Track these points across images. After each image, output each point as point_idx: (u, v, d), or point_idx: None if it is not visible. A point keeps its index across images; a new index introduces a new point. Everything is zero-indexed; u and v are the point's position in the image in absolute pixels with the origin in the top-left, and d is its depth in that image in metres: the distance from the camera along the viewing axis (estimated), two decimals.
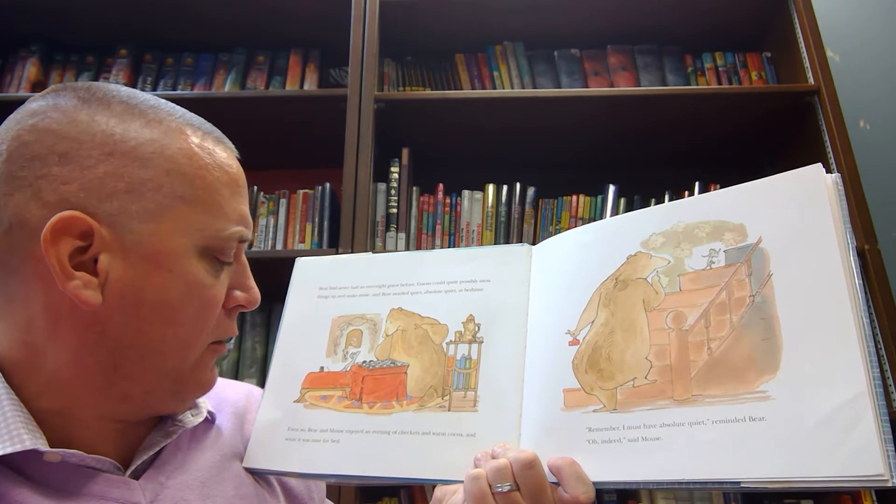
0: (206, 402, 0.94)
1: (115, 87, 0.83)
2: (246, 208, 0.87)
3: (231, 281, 0.86)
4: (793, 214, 0.80)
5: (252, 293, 0.89)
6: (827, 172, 0.80)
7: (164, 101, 0.85)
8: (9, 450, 0.72)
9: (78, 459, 0.77)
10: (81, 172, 0.76)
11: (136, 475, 0.83)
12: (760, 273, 0.79)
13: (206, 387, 0.88)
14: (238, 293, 0.87)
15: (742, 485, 0.71)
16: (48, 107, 0.79)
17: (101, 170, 0.76)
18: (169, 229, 0.78)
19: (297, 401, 0.98)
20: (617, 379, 0.83)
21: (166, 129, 0.81)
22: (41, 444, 0.74)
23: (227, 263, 0.84)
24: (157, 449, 0.86)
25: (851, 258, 0.74)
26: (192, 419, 0.91)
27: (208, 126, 0.87)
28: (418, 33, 2.69)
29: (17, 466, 0.75)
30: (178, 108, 0.86)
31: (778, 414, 0.72)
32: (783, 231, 0.80)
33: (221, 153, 0.85)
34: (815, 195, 0.79)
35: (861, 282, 0.73)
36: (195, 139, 0.83)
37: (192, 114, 0.87)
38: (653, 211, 0.92)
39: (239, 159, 0.89)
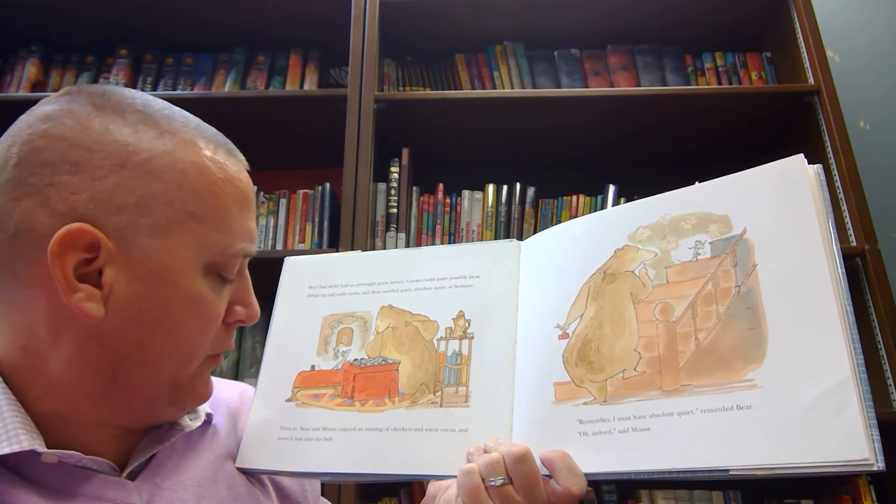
0: (204, 406, 0.94)
1: (131, 94, 0.81)
2: (253, 224, 0.86)
3: (232, 296, 0.86)
4: (776, 205, 0.81)
5: (252, 309, 0.88)
6: (820, 167, 0.81)
7: (177, 109, 0.84)
8: (6, 450, 0.72)
9: (75, 460, 0.77)
10: (92, 183, 0.74)
11: (132, 476, 0.83)
12: (745, 263, 0.80)
13: (203, 399, 0.88)
14: (239, 308, 0.87)
15: (730, 472, 0.72)
16: (62, 112, 0.77)
17: (111, 181, 0.75)
18: (176, 245, 0.78)
19: (289, 400, 0.98)
20: (606, 371, 0.83)
21: (179, 141, 0.80)
22: (39, 445, 0.74)
23: (229, 280, 0.84)
24: (154, 451, 0.86)
25: (834, 247, 0.75)
26: (189, 423, 0.90)
27: (221, 138, 0.86)
28: (418, 33, 2.69)
29: (14, 467, 0.75)
30: (191, 117, 0.85)
31: (765, 402, 0.72)
32: (767, 222, 0.81)
33: (233, 167, 0.84)
34: (797, 186, 0.80)
35: (843, 269, 0.74)
36: (207, 152, 0.81)
37: (205, 124, 0.86)
38: (639, 204, 0.93)
39: (248, 171, 0.88)
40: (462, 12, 2.61)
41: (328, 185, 2.49)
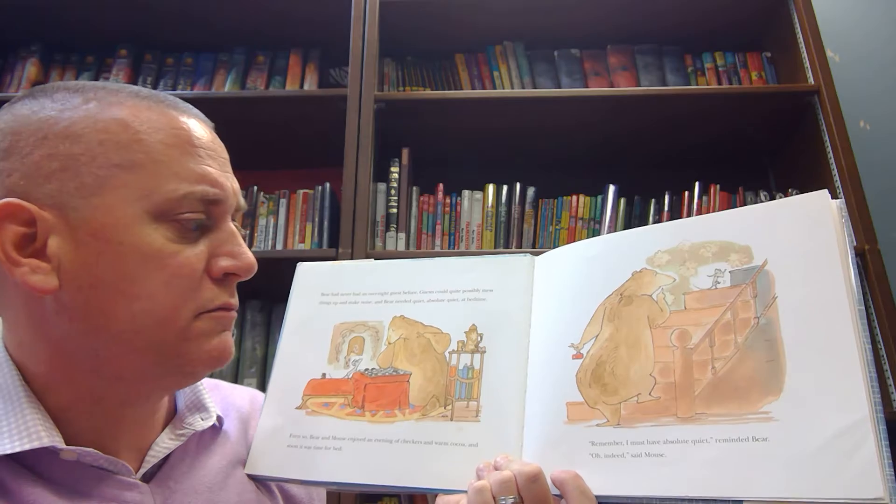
0: (215, 408, 0.94)
1: (68, 81, 0.83)
2: (210, 168, 0.82)
3: (214, 248, 0.82)
4: (798, 239, 0.81)
5: (242, 258, 0.83)
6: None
7: (123, 84, 0.84)
8: (27, 446, 0.73)
9: (92, 459, 0.78)
10: (21, 161, 0.76)
11: (146, 478, 0.83)
12: (765, 295, 0.80)
13: (215, 359, 0.83)
14: (224, 260, 0.82)
15: (744, 503, 0.72)
16: (2, 112, 0.80)
17: (36, 155, 0.76)
18: (111, 200, 0.76)
19: (299, 407, 0.98)
20: (621, 394, 0.83)
21: (104, 103, 0.80)
22: (58, 442, 0.75)
23: (196, 227, 0.80)
24: (167, 454, 0.86)
25: (854, 283, 0.76)
26: (202, 423, 0.91)
27: (162, 95, 0.84)
28: (418, 33, 2.69)
29: (31, 464, 0.76)
30: (133, 87, 0.84)
31: (781, 435, 0.73)
32: (789, 255, 0.81)
33: (172, 116, 0.82)
34: (820, 221, 0.80)
35: (862, 307, 0.75)
36: (135, 107, 0.80)
37: (151, 89, 0.85)
38: (659, 228, 0.93)
39: (206, 123, 0.87)
40: (462, 12, 2.60)
41: (328, 185, 2.49)
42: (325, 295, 1.07)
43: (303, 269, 1.11)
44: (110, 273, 0.76)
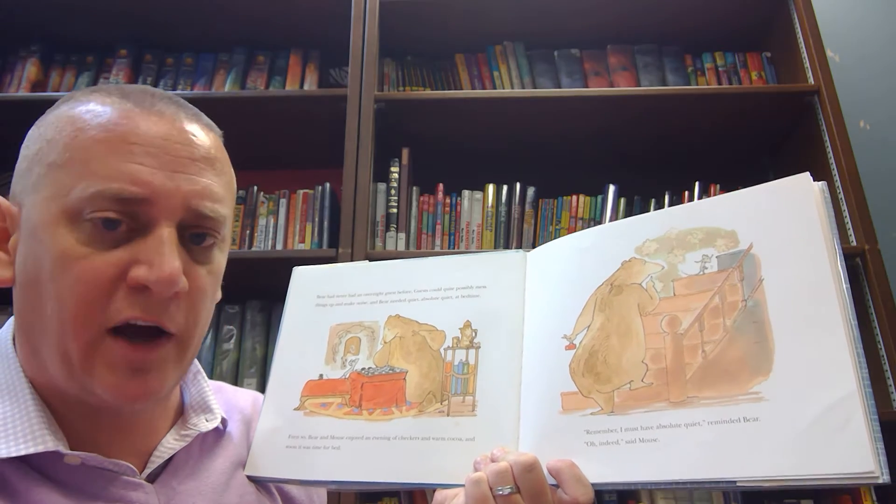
0: (219, 409, 0.95)
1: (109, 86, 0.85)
2: (139, 166, 0.76)
3: (137, 254, 0.75)
4: (782, 221, 0.82)
5: (157, 269, 0.74)
6: (821, 177, 0.82)
7: (123, 85, 0.85)
8: (31, 450, 0.74)
9: (97, 462, 0.78)
10: (19, 166, 0.81)
11: (150, 479, 0.84)
12: (752, 278, 0.81)
13: (118, 395, 0.76)
14: (138, 269, 0.74)
15: (738, 484, 0.73)
16: None
17: (21, 156, 0.81)
18: (42, 198, 0.76)
19: (297, 408, 0.99)
20: (614, 382, 0.84)
21: (79, 102, 0.81)
22: (62, 446, 0.76)
23: (112, 228, 0.75)
24: (171, 454, 0.87)
25: (839, 262, 0.77)
26: (206, 424, 0.91)
27: (138, 92, 0.81)
28: (418, 33, 2.69)
29: (39, 467, 0.76)
30: (131, 86, 0.84)
31: (771, 414, 0.73)
32: (773, 237, 0.82)
33: (122, 110, 0.79)
34: (803, 203, 0.81)
35: (848, 285, 0.75)
36: (89, 103, 0.80)
37: (144, 86, 0.84)
38: (647, 217, 0.94)
39: (173, 122, 0.81)
40: (462, 12, 2.60)
41: (328, 185, 2.49)
42: (321, 297, 1.08)
43: (298, 272, 1.12)
44: (35, 270, 0.76)
